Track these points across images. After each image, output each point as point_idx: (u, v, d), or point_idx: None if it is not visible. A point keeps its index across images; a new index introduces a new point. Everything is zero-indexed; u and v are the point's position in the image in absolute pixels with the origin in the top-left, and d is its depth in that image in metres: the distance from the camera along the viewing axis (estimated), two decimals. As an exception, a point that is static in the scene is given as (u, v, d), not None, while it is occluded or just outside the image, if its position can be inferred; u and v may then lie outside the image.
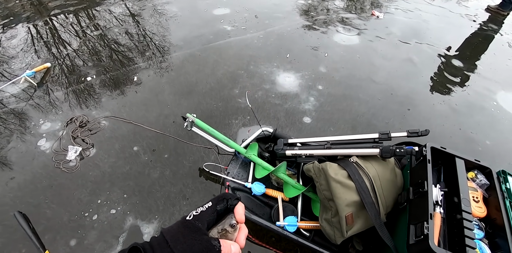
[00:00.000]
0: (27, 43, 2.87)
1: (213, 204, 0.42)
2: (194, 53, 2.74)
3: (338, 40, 3.00)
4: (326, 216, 1.17)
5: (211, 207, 0.42)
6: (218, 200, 0.43)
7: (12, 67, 2.56)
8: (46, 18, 3.26)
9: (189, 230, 0.38)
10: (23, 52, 2.74)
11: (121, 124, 1.97)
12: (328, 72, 2.53)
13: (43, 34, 3.02)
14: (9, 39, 2.91)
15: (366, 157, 1.20)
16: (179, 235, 0.38)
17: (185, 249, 0.36)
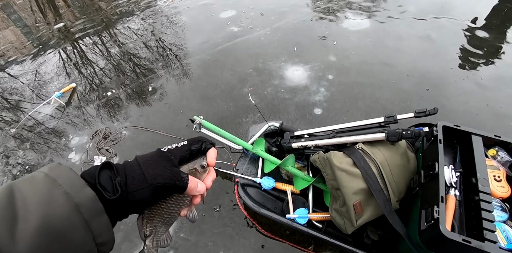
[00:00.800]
0: (55, 68, 3.16)
1: (188, 143, 0.43)
2: (203, 58, 2.82)
3: (347, 26, 2.90)
4: (335, 206, 1.14)
5: (186, 145, 0.43)
6: (193, 141, 0.44)
7: (44, 90, 2.83)
8: (71, 41, 3.56)
9: (161, 159, 0.40)
10: (52, 76, 3.02)
11: (140, 133, 2.09)
12: (338, 60, 2.45)
13: (68, 58, 3.30)
14: (40, 66, 3.23)
15: (373, 143, 1.15)
16: (152, 161, 0.39)
17: (155, 174, 0.38)
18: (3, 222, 0.28)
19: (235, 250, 1.35)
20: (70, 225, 0.30)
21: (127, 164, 0.39)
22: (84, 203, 0.32)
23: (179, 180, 0.39)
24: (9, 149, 2.28)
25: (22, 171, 2.08)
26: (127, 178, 0.37)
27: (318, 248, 1.29)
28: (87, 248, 0.32)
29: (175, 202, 0.42)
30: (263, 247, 1.33)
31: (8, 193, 0.31)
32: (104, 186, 0.35)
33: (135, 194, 0.36)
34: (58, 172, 0.34)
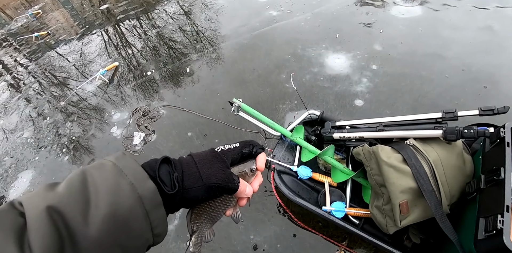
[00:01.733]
0: (100, 47, 3.28)
1: (240, 145, 0.44)
2: (241, 42, 2.78)
3: (396, 14, 2.69)
4: (377, 203, 1.09)
5: (238, 147, 0.44)
6: (245, 144, 0.45)
7: (87, 69, 2.97)
8: (113, 23, 3.66)
9: (216, 159, 0.41)
10: (97, 55, 3.15)
11: (177, 113, 2.14)
12: (383, 50, 2.30)
13: (112, 38, 3.41)
14: (85, 46, 3.37)
15: (426, 140, 1.07)
16: (207, 161, 0.41)
17: (210, 174, 0.39)
18: (78, 206, 0.31)
19: (265, 235, 1.37)
20: (133, 215, 0.32)
21: (184, 161, 0.41)
22: (146, 195, 0.34)
23: (231, 182, 0.40)
24: (58, 121, 2.45)
25: (69, 141, 2.24)
26: (184, 175, 0.39)
27: (352, 244, 1.26)
28: (145, 238, 0.34)
29: (222, 202, 0.44)
30: (294, 236, 1.33)
31: (82, 178, 0.33)
32: (163, 180, 0.37)
33: (190, 191, 0.38)
34: (124, 162, 0.36)
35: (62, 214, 0.29)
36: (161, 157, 0.39)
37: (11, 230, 0.28)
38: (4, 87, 3.29)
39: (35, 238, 0.28)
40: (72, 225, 0.29)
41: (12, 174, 2.16)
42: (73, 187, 0.32)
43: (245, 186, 0.43)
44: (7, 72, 3.65)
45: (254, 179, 0.46)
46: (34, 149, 2.30)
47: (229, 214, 0.46)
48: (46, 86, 3.03)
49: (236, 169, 0.44)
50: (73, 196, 0.31)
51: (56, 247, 0.28)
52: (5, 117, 2.78)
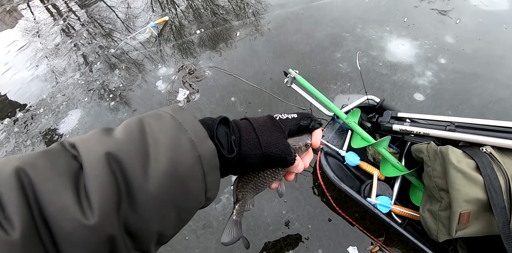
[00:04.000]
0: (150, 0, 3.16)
1: (298, 117, 0.42)
2: (297, 12, 2.58)
3: (478, 4, 2.38)
4: (431, 207, 1.05)
5: (296, 118, 0.41)
6: (303, 116, 0.42)
7: (132, 24, 2.90)
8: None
9: (275, 128, 0.38)
10: (146, 9, 3.05)
11: (223, 76, 2.08)
12: (457, 43, 2.07)
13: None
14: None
15: (505, 151, 0.98)
16: (266, 128, 0.38)
17: (270, 142, 0.37)
18: (138, 157, 0.27)
19: (299, 214, 1.38)
20: (192, 175, 0.30)
21: (241, 125, 0.38)
22: (206, 155, 0.31)
23: (289, 155, 0.38)
24: (107, 67, 2.47)
25: (116, 87, 2.27)
26: (242, 140, 0.36)
27: (388, 242, 1.24)
28: (199, 200, 0.32)
29: (271, 174, 0.42)
30: (330, 221, 1.33)
31: (140, 127, 0.30)
32: (221, 142, 0.35)
33: (246, 158, 0.36)
34: (183, 116, 0.33)
35: (121, 164, 0.27)
36: (218, 116, 0.36)
37: (66, 174, 0.25)
38: (56, 31, 3.31)
39: (93, 186, 0.25)
40: (131, 178, 0.26)
41: (64, 111, 2.25)
42: (132, 135, 0.29)
43: (298, 161, 0.40)
44: (60, 17, 3.64)
45: (306, 154, 0.44)
46: (84, 90, 2.36)
47: (274, 187, 0.45)
48: (97, 34, 3.02)
49: (291, 141, 0.41)
50: (133, 145, 0.28)
51: (115, 198, 0.25)
52: (58, 59, 2.83)
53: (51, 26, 3.42)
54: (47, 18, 3.63)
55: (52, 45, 3.05)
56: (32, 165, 0.24)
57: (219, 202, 1.47)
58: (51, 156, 0.26)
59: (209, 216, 1.44)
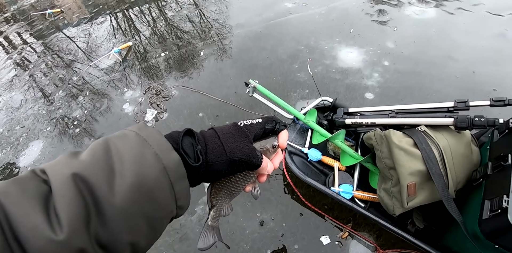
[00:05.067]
0: (112, 28, 3.28)
1: (263, 121, 0.43)
2: (256, 30, 2.80)
3: (410, 13, 2.72)
4: (385, 185, 1.14)
5: (261, 123, 0.43)
6: (268, 120, 0.44)
7: (102, 47, 2.97)
8: (127, 5, 3.66)
9: (239, 134, 0.40)
10: (108, 37, 3.15)
11: (189, 93, 2.17)
12: (396, 47, 2.34)
13: (125, 20, 3.41)
14: (99, 25, 3.37)
15: (436, 127, 1.12)
16: (230, 135, 0.40)
17: (234, 148, 0.38)
18: (104, 174, 0.30)
19: (272, 214, 1.42)
20: (158, 186, 0.32)
21: (206, 134, 0.40)
22: (171, 166, 0.33)
23: (255, 157, 0.39)
24: (70, 95, 2.47)
25: (81, 114, 2.26)
26: (207, 148, 0.38)
27: (356, 227, 1.31)
28: (169, 209, 0.34)
29: (243, 178, 0.43)
30: (301, 215, 1.38)
31: (105, 147, 0.32)
32: (187, 152, 0.36)
33: (213, 165, 0.37)
34: (147, 132, 0.35)
35: (87, 182, 0.29)
36: (183, 129, 0.39)
37: (36, 197, 0.27)
38: (11, 64, 3.29)
39: (61, 205, 0.27)
40: (98, 194, 0.28)
41: (24, 143, 2.19)
42: (97, 155, 0.31)
43: (267, 162, 0.42)
44: (14, 50, 3.64)
45: (275, 156, 0.45)
46: (45, 120, 2.32)
47: (248, 190, 0.46)
48: (57, 65, 3.04)
49: (258, 144, 0.43)
50: (98, 165, 0.30)
51: (83, 214, 0.27)
52: (16, 91, 2.80)
53: (4, 59, 3.39)
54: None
55: (7, 78, 3.01)
56: (4, 193, 0.27)
57: (194, 214, 1.48)
58: (21, 182, 0.28)
59: (185, 229, 1.44)
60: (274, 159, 0.45)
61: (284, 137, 0.45)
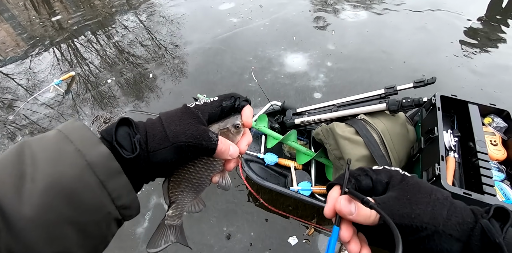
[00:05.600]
0: (50, 58, 3.14)
1: (219, 99, 0.37)
2: (204, 47, 2.83)
3: (345, 17, 2.95)
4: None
5: (216, 101, 0.37)
6: (225, 97, 0.38)
7: (42, 79, 2.81)
8: (67, 34, 3.54)
9: (187, 115, 0.34)
10: (49, 66, 3.00)
11: (141, 117, 2.09)
12: (336, 49, 2.49)
13: (66, 49, 3.28)
14: (35, 57, 3.20)
15: (374, 114, 1.18)
16: (176, 118, 0.34)
17: (178, 131, 0.33)
18: (10, 181, 0.26)
19: (238, 224, 1.37)
20: (82, 185, 0.27)
21: (148, 122, 0.35)
22: (98, 162, 0.28)
23: (206, 140, 0.33)
24: (8, 135, 2.27)
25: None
26: (148, 136, 0.33)
27: (321, 222, 1.31)
28: (105, 211, 0.29)
29: (205, 166, 0.38)
30: (266, 221, 1.35)
31: (18, 150, 0.28)
32: (122, 144, 0.31)
33: (157, 154, 0.32)
34: (71, 128, 0.30)
35: None
36: (118, 118, 0.33)
37: None
38: None
39: None
40: (3, 204, 0.25)
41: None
42: (6, 161, 0.27)
43: (227, 145, 0.35)
44: None
45: (242, 137, 0.39)
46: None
47: (216, 180, 0.40)
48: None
49: (216, 126, 0.37)
50: (5, 171, 0.27)
51: None
52: None
53: None
54: None
55: None
56: None
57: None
58: None
59: None
60: (241, 141, 0.39)
61: (248, 114, 0.38)
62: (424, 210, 0.30)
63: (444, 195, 0.31)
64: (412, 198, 0.31)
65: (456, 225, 0.29)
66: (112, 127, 0.32)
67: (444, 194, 0.32)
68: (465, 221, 0.29)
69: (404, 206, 0.31)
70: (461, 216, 0.29)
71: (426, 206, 0.30)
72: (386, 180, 0.36)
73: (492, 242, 0.26)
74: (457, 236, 0.28)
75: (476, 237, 0.28)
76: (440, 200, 0.31)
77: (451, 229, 0.29)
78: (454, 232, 0.29)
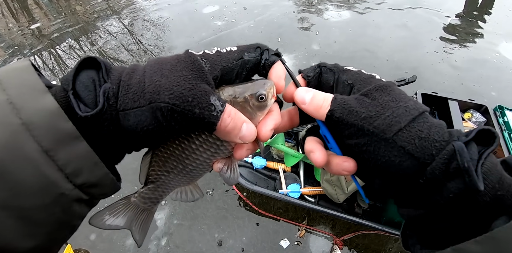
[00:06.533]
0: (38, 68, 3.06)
1: (238, 49, 0.27)
2: (188, 51, 2.81)
3: (328, 17, 2.98)
4: (326, 177, 1.17)
5: (235, 51, 0.27)
6: (248, 47, 0.28)
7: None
8: (48, 41, 3.46)
9: (185, 65, 0.23)
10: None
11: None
12: (321, 49, 2.51)
13: (47, 56, 3.21)
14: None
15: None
16: (167, 66, 0.23)
17: (161, 85, 0.22)
18: None
19: (229, 230, 1.36)
20: (14, 156, 0.19)
21: (128, 67, 0.25)
22: (39, 121, 0.20)
23: (201, 107, 0.22)
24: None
25: None
26: (121, 87, 0.23)
27: (312, 222, 1.32)
28: (55, 192, 0.21)
29: (203, 145, 0.26)
30: (258, 225, 1.35)
31: None
32: (81, 95, 0.22)
33: (129, 114, 0.22)
34: (11, 70, 0.22)
35: None
36: (82, 57, 0.24)
37: None
38: None
39: None
40: None
41: None
42: None
43: (238, 122, 0.24)
44: None
45: (268, 115, 0.26)
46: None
47: (217, 168, 0.28)
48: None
49: (230, 90, 0.25)
50: None
51: None
52: None
53: None
54: None
55: None
56: None
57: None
58: None
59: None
60: (264, 120, 0.26)
61: (279, 73, 0.27)
62: (380, 113, 0.23)
63: (418, 107, 0.23)
64: (376, 101, 0.24)
65: (415, 139, 0.22)
66: (72, 70, 0.23)
67: (421, 107, 0.24)
68: (431, 138, 0.22)
69: (361, 105, 0.24)
70: (427, 131, 0.22)
71: (385, 110, 0.23)
72: (351, 82, 0.28)
73: (461, 167, 0.20)
74: (412, 151, 0.22)
75: (443, 159, 0.21)
76: (409, 108, 0.23)
77: (405, 141, 0.22)
78: (408, 145, 0.22)
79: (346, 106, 0.25)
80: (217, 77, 0.25)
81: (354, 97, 0.25)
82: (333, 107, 0.25)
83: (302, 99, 0.26)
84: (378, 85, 0.25)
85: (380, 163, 0.23)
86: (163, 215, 1.50)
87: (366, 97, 0.25)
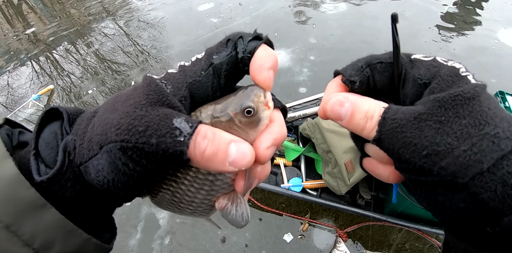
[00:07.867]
0: (28, 72, 3.06)
1: (205, 53, 0.21)
2: (185, 50, 2.80)
3: (325, 10, 2.94)
4: (327, 169, 1.16)
5: (202, 58, 0.21)
6: (217, 46, 0.21)
7: (21, 95, 2.74)
8: (44, 46, 3.46)
9: (140, 91, 0.19)
10: (27, 80, 2.92)
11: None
12: (318, 42, 2.49)
13: (44, 61, 3.20)
14: (12, 72, 3.12)
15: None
16: (121, 97, 0.19)
17: (109, 122, 0.18)
18: None
19: (232, 227, 1.34)
20: None
21: (94, 109, 0.21)
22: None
23: (159, 133, 0.17)
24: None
25: None
26: (77, 136, 0.19)
27: (314, 216, 1.31)
28: None
29: (194, 184, 0.21)
30: (260, 220, 1.34)
31: None
32: (42, 155, 0.20)
33: (88, 167, 0.18)
34: None
35: None
36: (45, 109, 0.21)
37: None
38: None
39: None
40: None
41: None
42: None
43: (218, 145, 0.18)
44: None
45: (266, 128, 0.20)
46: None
47: (220, 206, 0.22)
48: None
49: (209, 109, 0.20)
50: None
51: None
52: None
53: None
54: None
55: None
56: None
57: (154, 248, 1.36)
58: None
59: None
60: (262, 135, 0.19)
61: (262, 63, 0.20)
62: (451, 147, 0.17)
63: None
64: (449, 121, 0.17)
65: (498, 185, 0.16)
66: (35, 127, 0.20)
67: None
68: None
69: (422, 133, 0.17)
70: None
71: (460, 142, 0.17)
72: (426, 79, 0.20)
73: None
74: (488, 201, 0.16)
75: None
76: (498, 138, 0.16)
77: (482, 187, 0.16)
78: (485, 193, 0.16)
79: (400, 134, 0.18)
80: (185, 98, 0.19)
81: (414, 115, 0.18)
82: (381, 134, 0.19)
83: (338, 115, 0.20)
84: (457, 94, 0.18)
85: (438, 201, 0.18)
86: (165, 214, 1.49)
87: (435, 115, 0.18)
